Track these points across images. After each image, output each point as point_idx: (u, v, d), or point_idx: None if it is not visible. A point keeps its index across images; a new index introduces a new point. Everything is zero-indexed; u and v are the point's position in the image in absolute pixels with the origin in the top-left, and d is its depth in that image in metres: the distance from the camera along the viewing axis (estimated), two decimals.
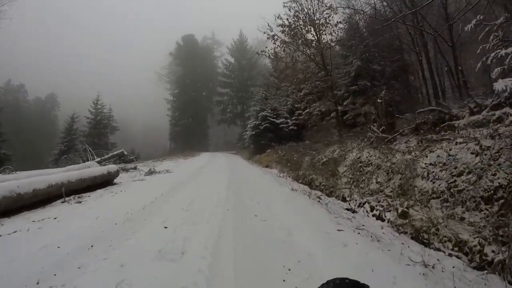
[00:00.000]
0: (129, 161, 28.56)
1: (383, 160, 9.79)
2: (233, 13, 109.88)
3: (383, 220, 7.24)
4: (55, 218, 7.32)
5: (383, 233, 6.06)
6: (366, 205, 8.18)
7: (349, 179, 10.19)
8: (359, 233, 5.82)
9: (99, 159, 27.05)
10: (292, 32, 20.39)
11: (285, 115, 29.63)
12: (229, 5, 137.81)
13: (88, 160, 28.01)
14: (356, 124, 23.35)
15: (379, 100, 12.91)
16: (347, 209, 8.34)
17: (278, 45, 20.92)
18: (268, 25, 20.63)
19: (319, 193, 10.61)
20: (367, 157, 10.60)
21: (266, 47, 21.38)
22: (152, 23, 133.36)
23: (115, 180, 14.53)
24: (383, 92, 13.36)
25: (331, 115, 25.59)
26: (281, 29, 20.53)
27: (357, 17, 27.80)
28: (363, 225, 6.41)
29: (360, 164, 10.49)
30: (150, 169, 18.86)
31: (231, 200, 8.88)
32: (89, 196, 10.59)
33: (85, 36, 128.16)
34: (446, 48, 19.75)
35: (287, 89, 32.26)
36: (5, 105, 65.37)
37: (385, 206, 7.66)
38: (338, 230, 5.88)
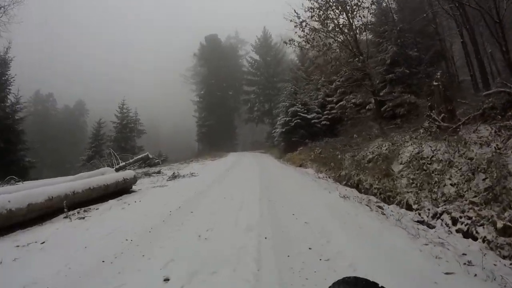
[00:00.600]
0: (154, 165, 27.17)
1: (454, 155, 7.67)
2: (256, 12, 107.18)
3: (475, 239, 5.24)
4: (43, 243, 5.56)
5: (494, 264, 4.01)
6: (445, 216, 6.12)
7: (410, 180, 8.06)
8: (475, 274, 3.66)
9: (124, 163, 25.86)
10: (323, 15, 18.20)
11: (316, 110, 27.49)
12: (252, 3, 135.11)
13: (113, 165, 26.79)
14: (396, 116, 21.09)
15: (435, 83, 10.67)
16: (418, 222, 6.29)
17: (307, 33, 18.79)
18: (295, 11, 18.54)
19: (373, 198, 8.58)
20: (430, 152, 8.46)
21: (294, 37, 19.29)
22: (176, 24, 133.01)
23: (133, 187, 12.90)
24: (438, 74, 11.10)
25: (367, 107, 23.44)
26: (310, 14, 18.40)
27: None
28: (464, 253, 4.35)
29: (422, 161, 8.36)
30: (173, 173, 17.19)
31: (266, 219, 6.54)
32: (97, 209, 8.86)
33: (109, 42, 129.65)
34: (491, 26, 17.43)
35: (317, 82, 30.27)
36: (34, 115, 67.39)
37: (473, 218, 5.62)
38: (446, 273, 3.68)
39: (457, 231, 5.64)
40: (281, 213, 7.07)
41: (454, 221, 5.85)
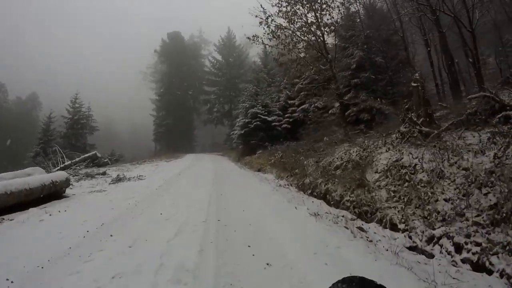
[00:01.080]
0: (103, 165, 24.93)
1: (442, 164, 6.35)
2: (221, 10, 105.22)
3: (489, 272, 3.94)
4: None
5: None
6: (445, 241, 4.71)
7: (391, 193, 6.62)
8: None
9: (70, 162, 23.54)
10: (291, 11, 16.90)
11: (277, 112, 26.07)
12: (216, 2, 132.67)
13: (57, 164, 24.40)
14: (359, 121, 20.09)
15: (414, 84, 9.41)
16: (411, 248, 4.86)
17: (272, 30, 17.39)
18: (262, 6, 17.10)
19: (347, 214, 7.10)
20: (411, 159, 7.12)
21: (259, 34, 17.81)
22: (138, 18, 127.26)
23: (67, 191, 11.01)
24: (417, 74, 9.87)
25: (330, 111, 22.33)
26: (278, 9, 17.06)
27: (356, 5, 24.67)
28: None
29: (403, 170, 6.97)
30: (118, 175, 15.27)
31: (209, 259, 4.46)
32: (11, 220, 7.03)
33: (67, 30, 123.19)
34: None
35: (279, 84, 28.98)
36: None
37: (483, 245, 4.28)
38: None
39: (463, 261, 4.26)
40: (234, 244, 5.07)
41: (458, 248, 4.46)
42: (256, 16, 17.29)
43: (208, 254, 4.65)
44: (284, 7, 17.05)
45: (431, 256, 4.53)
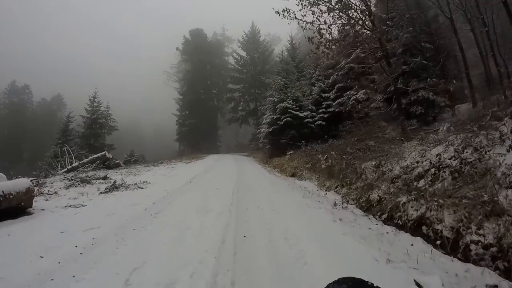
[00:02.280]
0: (113, 166, 21.79)
1: None
2: (244, 8, 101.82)
3: None
4: None
5: None
6: None
7: None
8: None
9: (78, 163, 20.56)
10: None
11: (310, 107, 22.36)
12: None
13: (65, 165, 21.49)
14: (409, 115, 16.43)
15: None
16: None
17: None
18: None
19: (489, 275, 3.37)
20: None
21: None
22: (162, 20, 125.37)
23: (41, 203, 7.85)
24: None
25: (371, 105, 18.69)
26: None
27: None
28: None
29: None
30: (115, 182, 11.88)
31: None
32: None
33: (91, 35, 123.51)
34: None
35: (310, 76, 25.30)
36: (9, 107, 61.89)
37: None
38: None
39: None
40: None
41: None
42: None
43: None
44: None
45: None
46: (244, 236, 5.25)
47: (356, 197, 7.90)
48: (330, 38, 14.46)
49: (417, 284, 3.40)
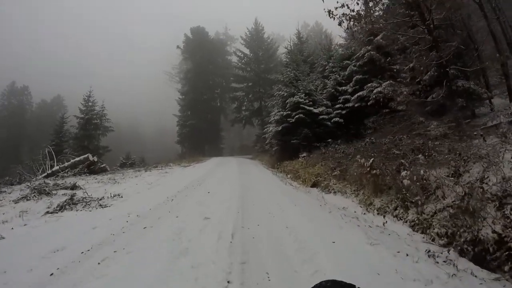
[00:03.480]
0: (98, 171, 18.48)
1: None
2: (246, 9, 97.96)
3: None
4: None
5: None
6: None
7: None
8: None
9: (58, 167, 17.29)
10: None
11: (324, 103, 18.91)
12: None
13: (46, 169, 18.22)
14: (443, 109, 13.10)
15: None
16: None
17: None
18: None
19: None
20: None
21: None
22: (164, 22, 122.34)
23: None
24: None
25: (399, 98, 15.26)
26: None
27: None
28: None
29: None
30: (72, 197, 8.47)
31: None
32: None
33: (92, 36, 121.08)
34: None
35: (323, 69, 21.90)
36: (8, 109, 59.22)
37: None
38: None
39: None
40: None
41: None
42: None
43: None
44: None
45: None
46: None
47: (446, 233, 4.42)
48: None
49: None
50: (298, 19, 34.49)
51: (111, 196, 9.15)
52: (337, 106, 18.38)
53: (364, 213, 6.64)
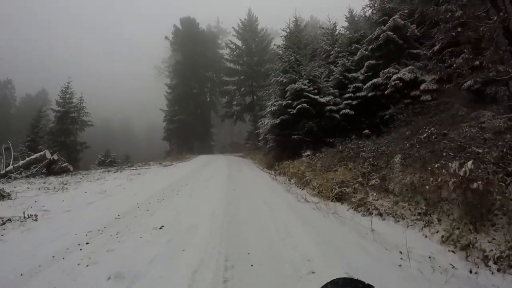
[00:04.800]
0: (58, 171, 14.97)
1: None
2: (240, 3, 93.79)
3: None
4: None
5: None
6: None
7: None
8: None
9: (12, 167, 13.72)
10: None
11: (331, 91, 15.47)
12: None
13: (2, 169, 14.74)
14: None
15: None
16: None
17: None
18: None
19: None
20: None
21: None
22: (154, 18, 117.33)
23: None
24: None
25: (421, 87, 12.20)
26: None
27: None
28: None
29: None
30: None
31: None
32: None
33: (79, 30, 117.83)
34: None
35: (326, 54, 18.61)
36: None
37: None
38: None
39: None
40: None
41: None
42: None
43: None
44: None
45: None
46: None
47: None
48: None
49: None
50: (292, 14, 31.17)
51: (23, 218, 5.68)
52: (347, 95, 14.95)
53: (475, 272, 3.23)
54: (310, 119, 13.95)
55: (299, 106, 13.86)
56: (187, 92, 42.54)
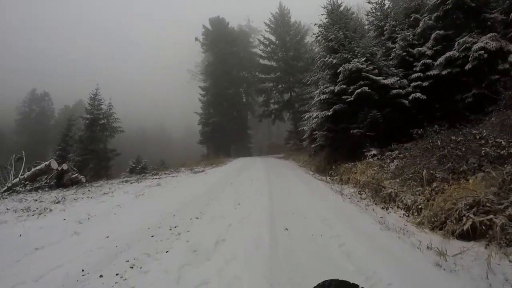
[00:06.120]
0: (68, 183, 12.65)
1: None
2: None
3: None
4: None
5: None
6: None
7: None
8: None
9: (18, 179, 12.61)
10: None
11: (393, 72, 11.98)
12: None
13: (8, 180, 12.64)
14: None
15: None
16: None
17: None
18: None
19: None
20: None
21: None
22: (182, 20, 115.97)
23: None
24: None
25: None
26: None
27: None
28: None
29: None
30: None
31: None
32: None
33: (111, 40, 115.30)
34: None
35: (379, 32, 15.34)
36: (30, 116, 56.30)
37: None
38: None
39: None
40: None
41: None
42: None
43: None
44: None
45: None
46: None
47: None
48: None
49: None
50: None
51: None
52: (414, 75, 11.48)
53: None
54: (372, 107, 10.52)
55: (358, 91, 10.35)
56: (220, 93, 39.86)
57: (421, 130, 9.01)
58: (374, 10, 16.70)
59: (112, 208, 7.07)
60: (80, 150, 26.07)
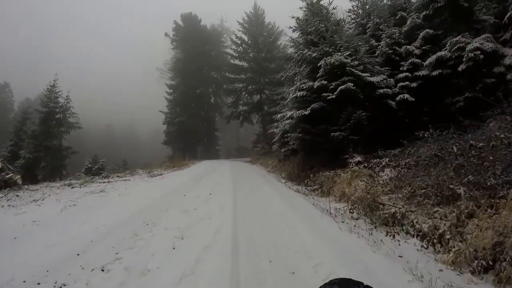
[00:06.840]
0: (5, 184, 10.46)
1: None
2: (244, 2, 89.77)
3: None
4: None
5: None
6: None
7: None
8: None
9: None
10: None
11: (378, 70, 10.59)
12: None
13: None
14: None
15: None
16: None
17: None
18: None
19: None
20: None
21: None
22: (154, 15, 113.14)
23: None
24: None
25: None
26: None
27: None
28: None
29: None
30: None
31: None
32: None
33: (80, 32, 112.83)
34: None
35: (361, 29, 14.21)
36: None
37: None
38: None
39: None
40: None
41: None
42: None
43: None
44: None
45: None
46: None
47: None
48: None
49: None
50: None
51: None
52: (401, 75, 10.21)
53: None
54: (357, 107, 9.03)
55: (342, 87, 8.75)
56: (189, 92, 37.85)
57: (421, 132, 7.59)
58: (356, 8, 15.57)
59: (23, 225, 5.21)
60: (32, 146, 23.30)
